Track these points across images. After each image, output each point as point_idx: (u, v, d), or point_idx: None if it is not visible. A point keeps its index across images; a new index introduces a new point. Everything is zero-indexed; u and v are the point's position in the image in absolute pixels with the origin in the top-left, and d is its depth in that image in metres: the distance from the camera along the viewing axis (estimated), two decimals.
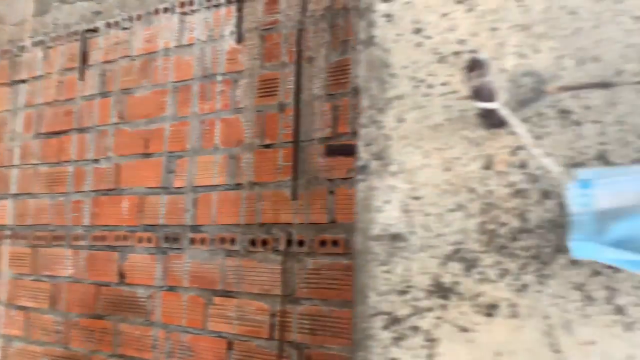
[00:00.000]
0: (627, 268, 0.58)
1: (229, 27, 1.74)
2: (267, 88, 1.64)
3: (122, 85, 1.92)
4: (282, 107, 1.58)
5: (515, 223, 0.79)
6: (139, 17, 1.92)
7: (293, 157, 1.54)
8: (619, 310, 0.71)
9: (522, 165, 0.79)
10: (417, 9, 0.90)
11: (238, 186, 1.66)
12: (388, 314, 0.87)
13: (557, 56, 0.78)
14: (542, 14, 0.80)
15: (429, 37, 0.88)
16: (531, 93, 0.80)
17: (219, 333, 1.60)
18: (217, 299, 1.63)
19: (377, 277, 0.89)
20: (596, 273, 0.72)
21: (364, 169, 0.92)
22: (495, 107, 0.67)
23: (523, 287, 0.77)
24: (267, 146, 1.61)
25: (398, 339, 0.85)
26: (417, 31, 0.90)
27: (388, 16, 0.93)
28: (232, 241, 1.63)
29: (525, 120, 0.79)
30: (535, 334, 0.76)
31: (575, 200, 0.61)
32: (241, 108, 1.66)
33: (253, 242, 1.60)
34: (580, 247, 0.60)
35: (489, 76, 0.60)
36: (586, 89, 0.76)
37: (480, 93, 0.64)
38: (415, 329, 0.84)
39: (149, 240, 1.77)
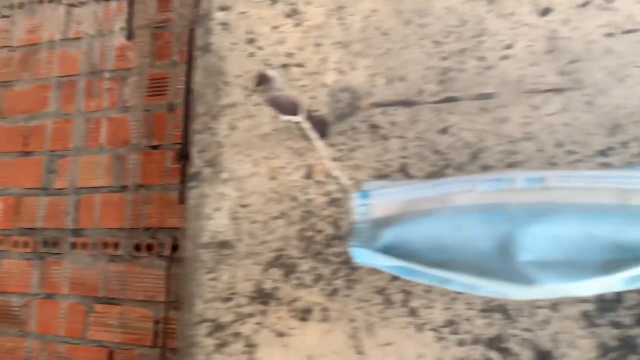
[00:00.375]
0: (396, 273, 0.63)
1: (120, 23, 1.67)
2: (157, 87, 1.58)
3: (1, 77, 1.78)
4: (171, 108, 1.54)
5: (330, 230, 0.82)
6: (21, 6, 1.78)
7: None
8: (413, 312, 0.76)
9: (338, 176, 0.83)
10: (251, 20, 0.92)
11: (124, 189, 1.59)
12: (213, 321, 0.87)
13: (371, 74, 0.83)
14: (360, 34, 0.84)
15: (261, 49, 0.90)
16: (348, 108, 0.84)
17: (100, 342, 1.53)
18: (98, 307, 1.56)
19: (204, 285, 0.89)
20: (395, 278, 0.77)
21: (197, 176, 0.92)
22: (298, 121, 0.70)
23: (334, 292, 0.81)
24: (155, 147, 1.56)
25: (221, 346, 0.86)
26: (251, 42, 0.91)
27: (224, 25, 0.93)
28: (116, 246, 1.56)
29: (341, 133, 0.84)
30: (343, 337, 0.80)
31: (357, 209, 0.65)
32: (129, 107, 1.60)
33: (138, 247, 1.54)
34: (357, 254, 0.64)
35: (276, 90, 0.62)
36: (393, 106, 0.81)
37: (282, 106, 0.67)
38: (237, 335, 0.85)
39: (26, 245, 1.65)
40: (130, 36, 1.67)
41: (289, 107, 0.69)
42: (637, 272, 0.50)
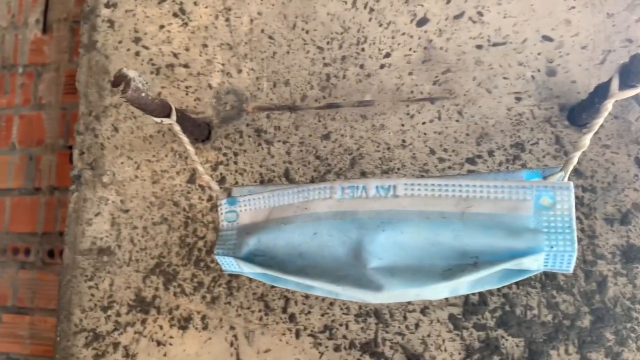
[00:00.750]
0: (262, 280, 0.62)
1: (35, 15, 1.57)
2: (74, 85, 1.50)
3: None
4: None
5: (211, 237, 0.81)
6: None
7: None
8: (292, 318, 0.76)
9: (221, 181, 0.81)
10: (137, 18, 0.88)
11: (37, 191, 1.49)
12: (91, 330, 0.83)
13: (256, 77, 0.82)
14: (246, 36, 0.83)
15: (147, 48, 0.87)
16: (233, 111, 0.82)
17: (7, 354, 1.42)
18: (6, 317, 1.45)
19: (83, 293, 0.85)
20: (274, 285, 0.76)
21: (77, 178, 0.88)
22: (170, 122, 0.68)
23: (214, 300, 0.79)
24: (71, 148, 1.47)
25: (99, 356, 0.82)
26: (137, 40, 0.88)
27: (110, 22, 0.90)
28: (27, 252, 1.46)
29: (226, 136, 0.82)
30: (223, 345, 0.78)
31: (223, 216, 0.64)
32: (44, 104, 1.51)
33: (51, 253, 1.45)
34: (222, 261, 0.62)
35: (136, 91, 0.60)
36: (278, 110, 0.81)
37: (148, 108, 0.64)
38: (116, 345, 0.82)
39: None
40: (46, 29, 1.58)
41: (158, 109, 0.66)
42: (477, 276, 0.52)
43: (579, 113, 0.68)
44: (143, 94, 0.62)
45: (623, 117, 0.70)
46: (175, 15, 0.87)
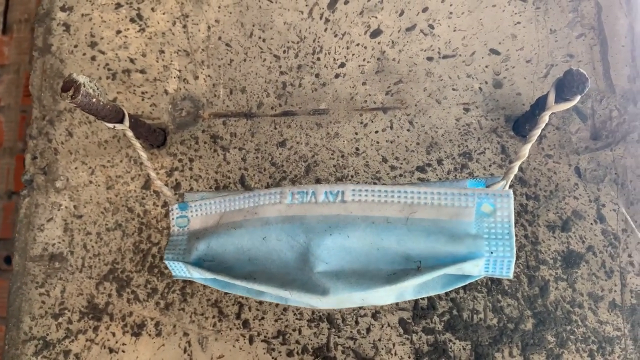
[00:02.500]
0: (213, 285, 0.63)
1: None
2: None
3: None
4: None
5: (165, 242, 0.80)
6: None
7: None
8: (245, 324, 0.76)
9: (176, 187, 0.81)
10: (94, 23, 0.88)
11: None
12: (41, 338, 0.82)
13: (213, 84, 0.83)
14: (203, 43, 0.84)
15: (103, 53, 0.87)
16: (189, 117, 0.82)
17: None
18: None
19: (34, 300, 0.83)
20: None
21: (29, 183, 0.86)
22: (122, 128, 0.68)
23: (168, 306, 0.79)
24: None
25: None
26: (93, 45, 0.87)
27: (66, 26, 0.89)
28: None
29: (182, 142, 0.82)
30: (177, 352, 0.78)
31: (175, 221, 0.64)
32: (3, 107, 1.46)
33: (8, 260, 1.40)
34: (172, 267, 0.62)
35: (86, 96, 0.60)
36: (234, 117, 0.81)
37: (100, 113, 0.64)
38: (66, 353, 0.81)
39: None
40: (5, 30, 1.54)
41: (110, 114, 0.66)
42: (420, 281, 0.54)
43: (523, 124, 0.71)
44: (94, 100, 0.62)
45: (564, 128, 0.73)
46: (132, 20, 0.87)
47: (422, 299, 0.73)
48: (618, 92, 0.73)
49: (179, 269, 0.62)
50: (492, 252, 0.54)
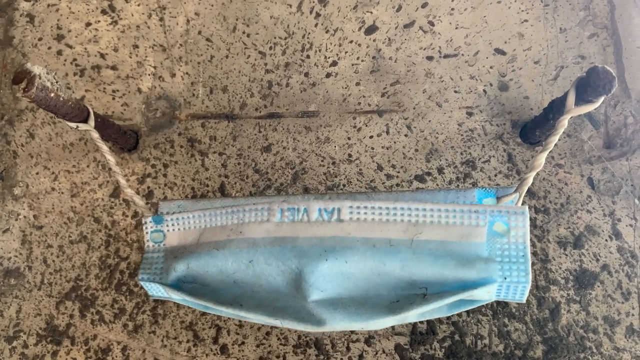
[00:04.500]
0: (193, 306, 0.55)
1: None
2: None
3: None
4: None
5: (135, 257, 0.72)
6: None
7: None
8: (224, 349, 0.68)
9: (148, 195, 0.73)
10: (61, 14, 0.80)
11: None
12: None
13: (191, 82, 0.75)
14: (182, 37, 0.76)
15: (70, 47, 0.79)
16: (164, 118, 0.75)
17: None
18: None
19: None
20: (205, 312, 0.69)
21: None
22: (87, 129, 0.60)
23: (137, 329, 0.70)
24: None
25: None
26: (60, 38, 0.79)
27: (30, 17, 0.81)
28: None
29: (156, 146, 0.74)
30: None
31: (149, 235, 0.56)
32: None
33: None
34: (148, 287, 0.54)
35: (42, 90, 0.52)
36: (214, 119, 0.74)
37: (60, 111, 0.56)
38: None
39: None
40: None
41: (72, 112, 0.58)
42: (426, 309, 0.47)
43: (532, 130, 0.64)
44: (52, 94, 0.54)
45: (576, 135, 0.67)
46: (103, 12, 0.79)
47: (421, 322, 0.66)
48: (634, 96, 0.67)
49: (156, 290, 0.54)
50: (505, 278, 0.47)
